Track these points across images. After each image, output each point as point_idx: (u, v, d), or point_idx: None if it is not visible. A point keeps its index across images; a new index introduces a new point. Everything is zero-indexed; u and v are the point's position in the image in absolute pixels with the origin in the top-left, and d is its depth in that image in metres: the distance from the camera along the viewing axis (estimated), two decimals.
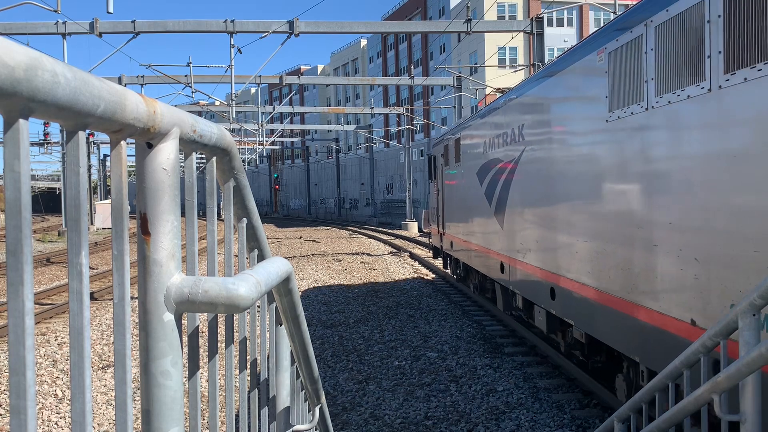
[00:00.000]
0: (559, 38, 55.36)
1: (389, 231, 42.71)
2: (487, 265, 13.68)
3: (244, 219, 1.90)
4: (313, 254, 29.56)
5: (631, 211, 6.54)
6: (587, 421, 8.15)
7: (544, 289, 9.49)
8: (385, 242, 34.92)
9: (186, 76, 32.68)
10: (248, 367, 2.03)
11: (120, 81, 33.30)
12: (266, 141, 51.66)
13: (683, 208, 5.55)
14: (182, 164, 1.35)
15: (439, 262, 23.15)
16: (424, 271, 23.35)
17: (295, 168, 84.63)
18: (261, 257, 2.09)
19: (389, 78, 61.08)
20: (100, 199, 59.58)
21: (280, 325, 2.57)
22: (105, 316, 15.61)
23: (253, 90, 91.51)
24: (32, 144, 53.69)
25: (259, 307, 2.17)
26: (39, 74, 0.75)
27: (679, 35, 5.55)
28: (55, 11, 22.19)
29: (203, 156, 1.52)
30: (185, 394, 1.29)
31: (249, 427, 2.21)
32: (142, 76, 34.65)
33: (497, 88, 18.31)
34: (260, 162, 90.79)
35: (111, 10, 21.30)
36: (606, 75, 7.03)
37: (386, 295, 17.76)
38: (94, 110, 0.88)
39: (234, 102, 31.43)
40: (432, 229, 22.50)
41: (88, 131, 0.93)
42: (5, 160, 0.77)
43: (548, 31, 48.99)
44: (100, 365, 11.20)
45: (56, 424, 8.55)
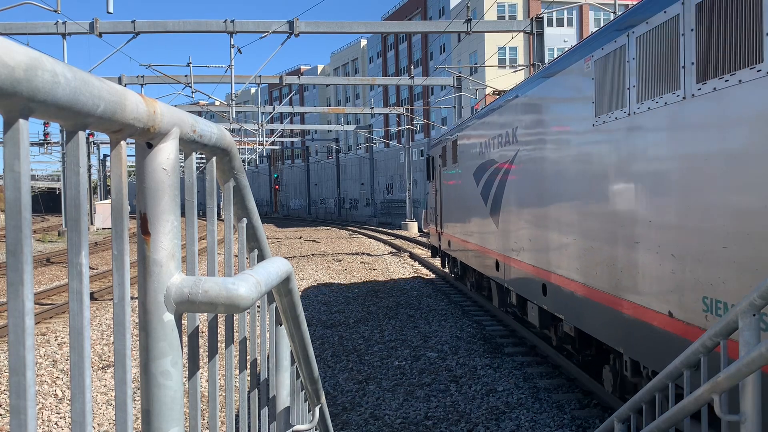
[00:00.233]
0: (559, 38, 55.37)
1: (389, 231, 42.71)
2: (483, 263, 14.00)
3: (244, 219, 1.90)
4: (313, 254, 29.57)
5: (615, 210, 6.88)
6: (587, 421, 8.15)
7: (537, 285, 9.82)
8: (385, 242, 34.93)
9: (186, 76, 32.68)
10: (248, 367, 2.03)
11: (120, 81, 33.30)
12: (266, 141, 51.66)
13: (661, 207, 5.90)
14: (182, 164, 1.35)
15: (438, 262, 23.35)
16: (424, 271, 23.35)
17: (295, 168, 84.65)
18: (261, 257, 2.09)
19: (389, 78, 61.08)
20: (100, 199, 59.59)
21: (280, 325, 2.57)
22: (105, 316, 15.61)
23: (253, 90, 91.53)
24: (32, 144, 53.69)
25: (259, 307, 2.17)
26: (39, 74, 0.75)
27: (657, 46, 5.90)
28: (55, 11, 22.19)
29: (203, 156, 1.52)
30: (185, 394, 1.29)
31: (249, 427, 2.21)
32: (142, 76, 34.65)
33: (494, 91, 18.45)
34: (260, 162, 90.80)
35: (111, 10, 21.30)
36: (593, 81, 7.36)
37: (386, 295, 17.76)
38: (94, 110, 0.88)
39: (234, 102, 31.43)
40: (430, 229, 22.84)
41: (88, 131, 0.93)
42: (5, 160, 0.77)
43: (548, 31, 49.01)
44: (100, 365, 11.20)
45: (56, 424, 8.55)
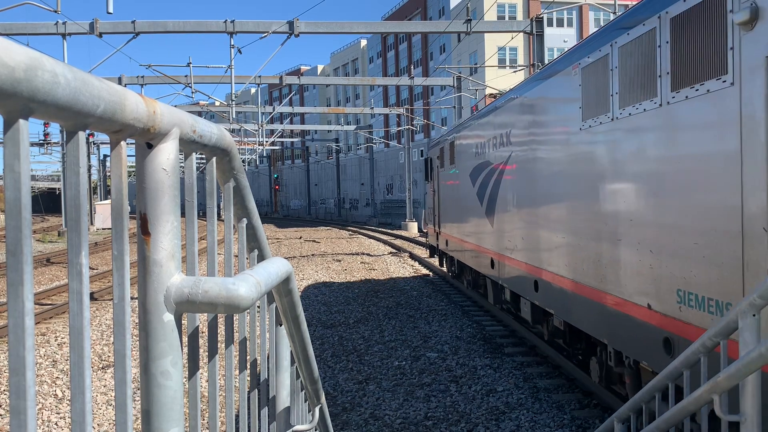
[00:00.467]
0: (559, 38, 55.37)
1: (389, 231, 42.71)
2: (479, 261, 14.41)
3: (244, 219, 1.90)
4: (313, 254, 29.57)
5: (600, 209, 7.29)
6: (587, 421, 8.15)
7: (529, 282, 10.23)
8: (385, 242, 34.93)
9: (186, 76, 32.68)
10: (248, 367, 2.03)
11: (120, 81, 33.30)
12: (266, 141, 51.67)
13: (640, 206, 6.31)
14: (182, 164, 1.35)
15: (436, 261, 23.50)
16: (424, 271, 23.35)
17: (295, 168, 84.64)
18: (261, 257, 2.09)
19: (389, 78, 61.10)
20: (100, 199, 59.59)
21: (280, 325, 2.57)
22: (105, 316, 15.61)
23: (253, 90, 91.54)
24: (32, 144, 53.68)
25: (259, 307, 2.17)
26: (39, 74, 0.75)
27: (637, 56, 6.28)
28: (55, 11, 22.19)
29: (203, 156, 1.52)
30: (185, 394, 1.29)
31: (249, 427, 2.21)
32: (142, 77, 34.65)
33: (491, 94, 18.67)
34: (260, 162, 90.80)
35: (111, 10, 21.30)
36: (580, 88, 7.75)
37: (386, 296, 17.76)
38: (94, 110, 0.88)
39: (234, 102, 31.44)
40: (429, 229, 23.22)
41: (88, 131, 0.93)
42: (5, 160, 0.77)
43: (548, 31, 49.01)
44: (100, 365, 11.20)
45: (56, 424, 8.55)
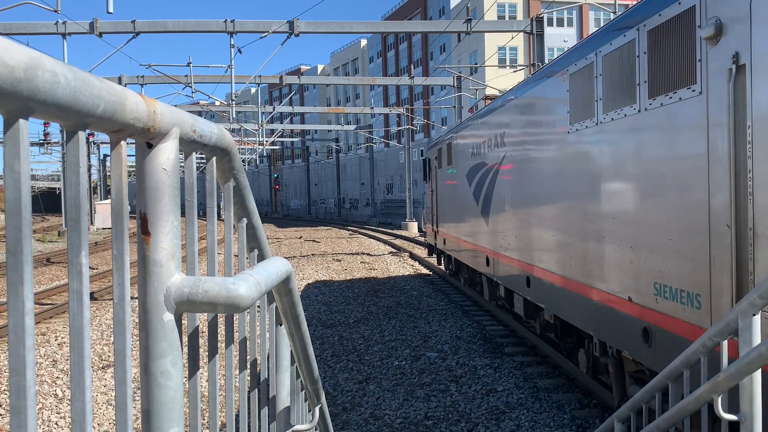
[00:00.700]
0: (559, 38, 55.36)
1: (389, 231, 42.71)
2: (475, 259, 14.85)
3: (244, 219, 1.90)
4: (313, 254, 29.57)
5: (586, 208, 7.71)
6: (587, 421, 8.15)
7: (522, 278, 10.69)
8: (385, 242, 34.93)
9: (186, 76, 32.68)
10: (248, 367, 2.03)
11: (120, 81, 33.30)
12: (266, 141, 51.67)
13: (621, 205, 6.74)
14: (182, 164, 1.35)
15: (434, 260, 23.74)
16: (424, 271, 23.36)
17: (295, 168, 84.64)
18: (261, 257, 2.09)
19: (389, 78, 61.08)
20: (100, 199, 59.59)
21: (280, 325, 2.57)
22: (105, 316, 15.61)
23: (253, 90, 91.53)
24: (32, 144, 53.67)
25: (259, 307, 2.17)
26: (39, 74, 0.75)
27: (619, 65, 6.70)
28: (55, 11, 22.19)
29: (203, 156, 1.52)
30: (185, 394, 1.29)
31: (249, 427, 2.21)
32: (142, 76, 34.65)
33: (487, 96, 19.05)
34: (260, 162, 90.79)
35: (111, 10, 21.30)
36: (568, 93, 8.18)
37: (386, 295, 17.77)
38: (94, 110, 0.88)
39: (234, 102, 31.44)
40: (427, 228, 23.64)
41: (88, 131, 0.93)
42: (5, 160, 0.77)
43: (548, 31, 48.97)
44: (100, 365, 11.21)
45: (56, 424, 8.55)
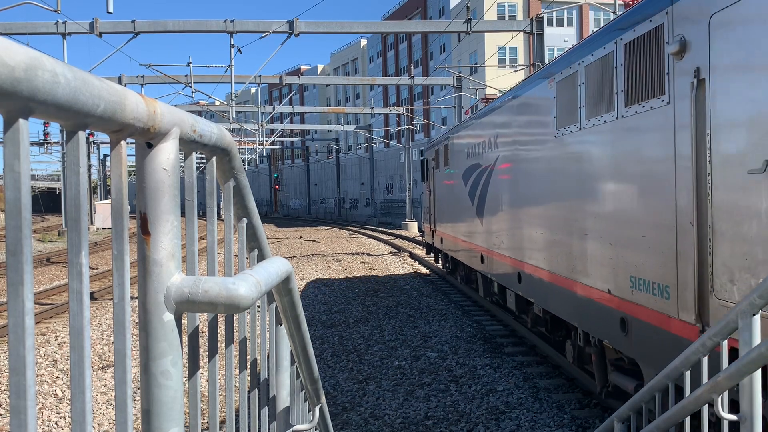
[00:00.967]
0: (559, 38, 55.34)
1: (389, 231, 42.71)
2: (471, 257, 15.39)
3: (244, 219, 1.90)
4: (313, 254, 29.57)
5: (571, 207, 8.22)
6: (587, 421, 8.15)
7: (513, 274, 11.22)
8: (385, 242, 34.93)
9: (186, 76, 32.67)
10: (248, 367, 2.03)
11: (120, 81, 33.29)
12: (266, 141, 51.66)
13: (602, 204, 7.26)
14: (182, 164, 1.35)
15: (432, 258, 24.08)
16: (424, 271, 23.36)
17: (295, 168, 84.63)
18: (261, 257, 2.09)
19: (389, 78, 61.05)
20: (100, 199, 59.58)
21: (280, 325, 2.57)
22: (105, 316, 15.61)
23: (253, 90, 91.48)
24: (32, 144, 53.66)
25: (259, 307, 2.17)
26: (39, 74, 0.75)
27: (599, 75, 7.24)
28: (55, 11, 22.19)
29: (203, 156, 1.52)
30: (185, 394, 1.29)
31: (249, 427, 2.21)
32: (142, 76, 34.65)
33: (483, 99, 19.56)
34: (260, 162, 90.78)
35: (111, 10, 21.30)
36: (554, 100, 8.70)
37: (386, 295, 17.77)
38: (94, 110, 0.88)
39: (234, 102, 31.44)
40: (425, 227, 24.22)
41: (88, 131, 0.93)
42: (5, 160, 0.77)
43: (548, 31, 48.94)
44: (100, 365, 11.21)
45: (56, 424, 8.55)
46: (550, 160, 8.96)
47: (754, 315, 3.26)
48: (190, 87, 31.78)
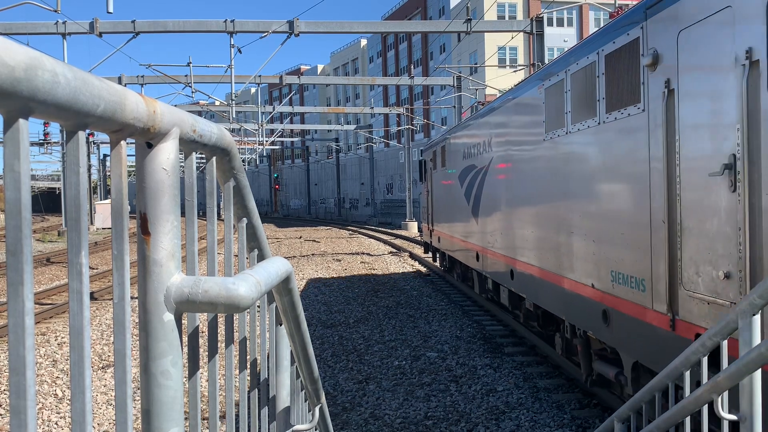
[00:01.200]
0: (559, 38, 55.33)
1: (389, 231, 42.71)
2: (467, 255, 15.90)
3: (244, 219, 1.90)
4: (313, 254, 29.57)
5: (559, 207, 8.66)
6: (587, 421, 8.15)
7: (506, 271, 11.71)
8: (385, 242, 34.92)
9: (186, 76, 32.67)
10: (248, 367, 2.03)
11: (120, 81, 33.29)
12: (266, 141, 51.66)
13: (586, 203, 7.72)
14: (182, 164, 1.35)
15: (430, 257, 24.35)
16: (424, 271, 23.36)
17: (295, 168, 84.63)
18: (261, 257, 2.09)
19: (389, 78, 61.04)
20: (100, 199, 59.57)
21: (280, 325, 2.57)
22: (105, 316, 15.61)
23: (253, 90, 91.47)
24: (32, 144, 53.65)
25: (259, 307, 2.17)
26: (39, 74, 0.75)
27: (583, 83, 7.67)
28: (55, 11, 22.19)
29: (203, 156, 1.52)
30: (185, 394, 1.29)
31: (249, 427, 2.21)
32: (142, 76, 34.65)
33: (479, 102, 20.03)
34: (260, 162, 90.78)
35: (111, 10, 21.30)
36: (543, 105, 9.14)
37: (386, 295, 17.77)
38: (94, 110, 0.88)
39: (234, 102, 31.44)
40: (423, 227, 24.76)
41: (88, 131, 0.93)
42: (5, 160, 0.77)
43: (548, 31, 48.90)
44: (100, 365, 11.21)
45: (56, 424, 8.55)
46: (539, 162, 9.44)
47: (754, 315, 3.26)
48: (190, 87, 31.78)
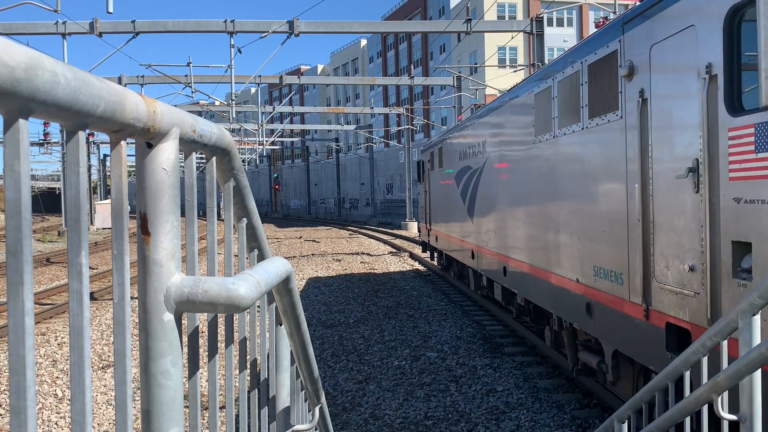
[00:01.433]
0: (559, 38, 55.31)
1: (389, 231, 42.70)
2: (463, 254, 16.41)
3: (244, 219, 1.90)
4: (313, 254, 29.56)
5: (547, 206, 9.18)
6: (587, 421, 8.15)
7: (500, 269, 12.24)
8: (385, 242, 34.92)
9: (186, 76, 32.66)
10: (248, 367, 2.03)
11: (120, 81, 33.29)
12: (266, 141, 51.66)
13: (571, 203, 8.22)
14: (182, 164, 1.35)
15: (428, 256, 24.73)
16: (424, 271, 23.36)
17: (295, 168, 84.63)
18: (261, 257, 2.09)
19: (389, 78, 61.02)
20: (100, 199, 59.56)
21: (280, 325, 2.57)
22: (105, 316, 15.61)
23: (253, 90, 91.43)
24: (32, 144, 53.64)
25: (259, 307, 2.17)
26: (39, 74, 0.75)
27: (569, 90, 8.17)
28: (55, 11, 22.19)
29: (203, 156, 1.52)
30: (185, 394, 1.29)
31: (249, 427, 2.20)
32: (142, 76, 34.64)
33: (475, 105, 20.49)
34: (260, 162, 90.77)
35: (111, 10, 21.29)
36: (533, 110, 9.64)
37: (386, 295, 17.76)
38: (94, 110, 0.88)
39: (234, 102, 31.43)
40: (421, 226, 25.33)
41: (88, 131, 0.93)
42: (5, 160, 0.77)
43: (548, 31, 48.86)
44: (100, 365, 11.20)
45: (56, 424, 8.55)
46: (530, 164, 10.00)
47: (754, 315, 3.26)
48: (190, 87, 31.78)
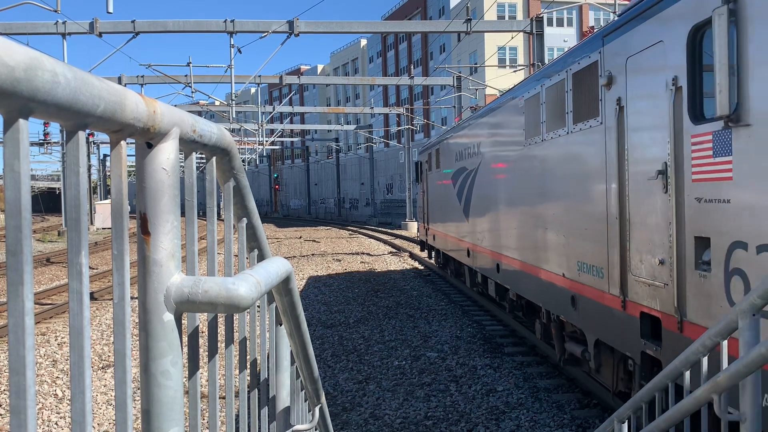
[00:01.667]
0: (559, 38, 55.31)
1: (389, 231, 42.70)
2: (459, 252, 16.88)
3: (244, 219, 1.90)
4: (313, 254, 29.56)
5: (536, 206, 9.73)
6: (587, 421, 8.15)
7: (493, 266, 12.80)
8: (385, 242, 34.92)
9: (186, 76, 32.66)
10: (248, 367, 2.03)
11: (120, 81, 33.28)
12: (266, 141, 51.65)
13: (558, 202, 8.72)
14: (182, 164, 1.35)
15: (426, 254, 24.89)
16: (424, 271, 23.36)
17: (295, 168, 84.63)
18: (261, 257, 2.09)
19: (389, 78, 61.01)
20: (100, 199, 59.55)
21: (280, 325, 2.57)
22: (105, 316, 15.61)
23: (253, 90, 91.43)
24: (32, 144, 53.65)
25: (259, 307, 2.17)
26: (39, 74, 0.75)
27: (555, 97, 8.67)
28: (55, 11, 22.18)
29: (203, 156, 1.52)
30: (185, 394, 1.29)
31: (249, 427, 2.20)
32: (142, 76, 34.63)
33: (472, 107, 20.75)
34: (260, 162, 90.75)
35: (111, 10, 21.29)
36: (523, 115, 10.18)
37: (386, 295, 17.76)
38: (94, 110, 0.88)
39: (234, 102, 31.43)
40: (419, 226, 25.83)
41: (88, 131, 0.93)
42: (5, 160, 0.77)
43: (548, 31, 48.86)
44: (100, 365, 11.20)
45: (56, 424, 8.55)
46: (521, 165, 10.56)
47: (754, 315, 3.26)
48: (190, 87, 31.78)
